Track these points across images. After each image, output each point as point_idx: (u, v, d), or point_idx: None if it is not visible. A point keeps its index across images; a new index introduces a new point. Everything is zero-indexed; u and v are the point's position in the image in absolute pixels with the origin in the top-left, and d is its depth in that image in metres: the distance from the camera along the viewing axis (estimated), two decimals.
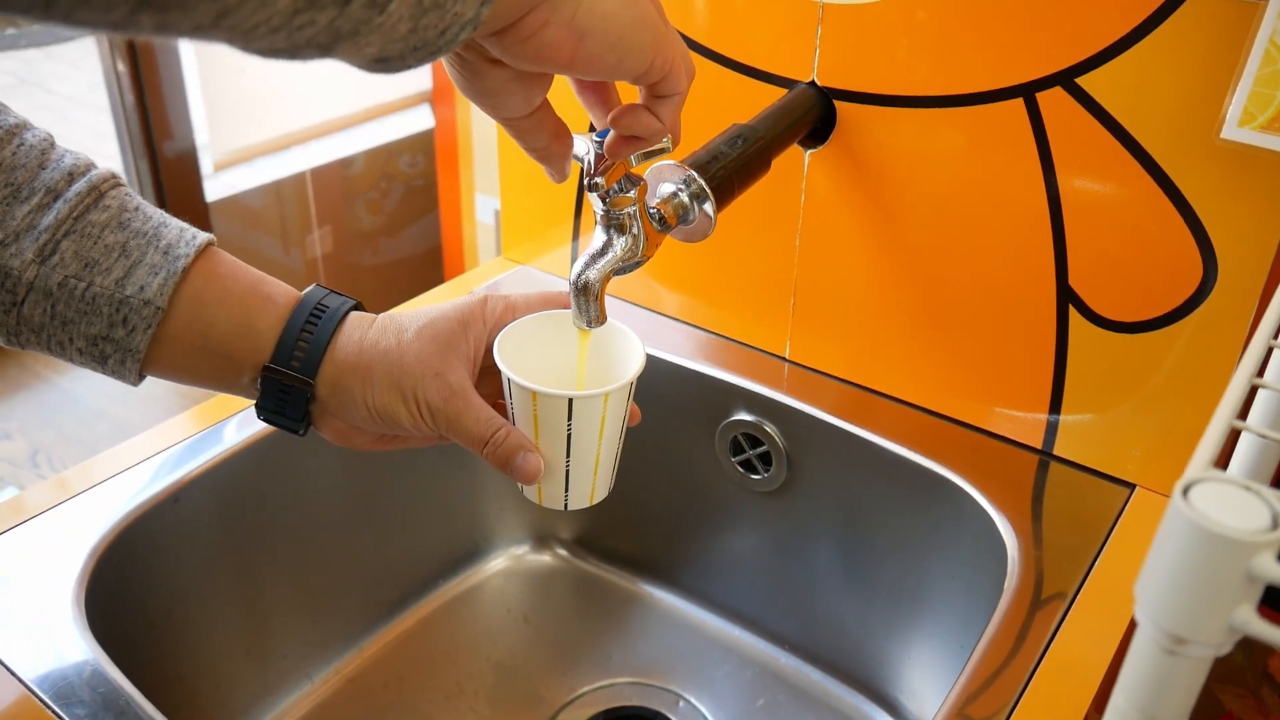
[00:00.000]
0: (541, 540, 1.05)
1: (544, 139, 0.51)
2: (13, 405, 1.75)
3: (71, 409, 1.68)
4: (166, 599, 0.78)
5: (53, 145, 0.53)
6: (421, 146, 1.96)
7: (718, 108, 0.85)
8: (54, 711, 0.59)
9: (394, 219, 1.97)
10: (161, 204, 1.77)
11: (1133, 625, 0.66)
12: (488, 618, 0.98)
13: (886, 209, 0.81)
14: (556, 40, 0.44)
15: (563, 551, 1.05)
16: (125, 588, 0.74)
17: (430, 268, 2.02)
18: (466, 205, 1.75)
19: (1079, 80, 0.70)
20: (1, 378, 1.81)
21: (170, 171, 1.75)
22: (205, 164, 1.78)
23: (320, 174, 1.88)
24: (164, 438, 0.82)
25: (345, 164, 1.91)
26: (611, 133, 0.53)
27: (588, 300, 0.58)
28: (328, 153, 1.89)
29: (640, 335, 0.60)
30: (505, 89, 0.48)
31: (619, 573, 1.02)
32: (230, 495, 0.80)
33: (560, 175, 0.54)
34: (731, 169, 0.70)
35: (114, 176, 0.54)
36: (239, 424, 0.83)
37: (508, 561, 1.03)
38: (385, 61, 0.39)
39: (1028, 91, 0.72)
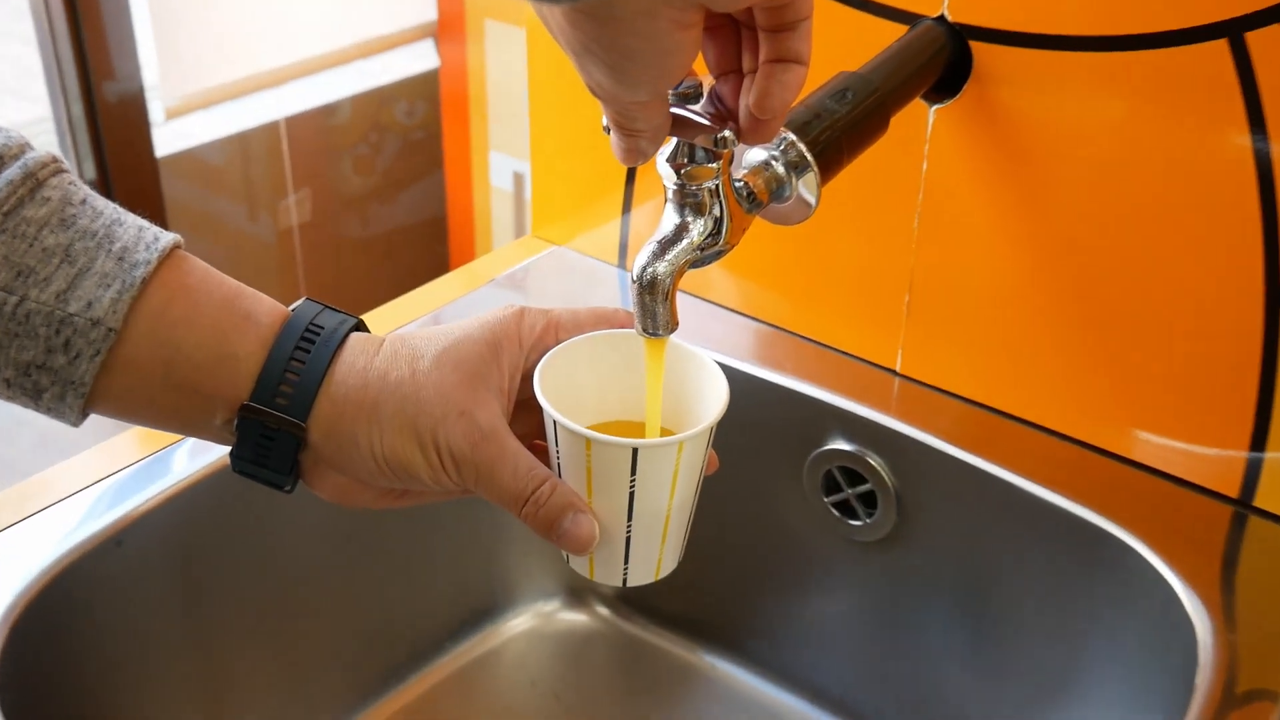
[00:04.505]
0: (576, 595, 1.04)
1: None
2: None
3: None
4: (104, 667, 0.77)
5: None
6: (423, 91, 1.97)
7: (820, 52, 0.83)
8: None
9: (388, 181, 1.98)
10: (99, 159, 1.78)
11: None
12: (507, 693, 0.97)
13: (1033, 182, 0.80)
14: None
15: (603, 609, 1.04)
16: (51, 654, 0.73)
17: (433, 242, 2.03)
18: (478, 166, 1.74)
19: None
20: None
21: (111, 119, 1.77)
22: (154, 110, 1.80)
23: (297, 124, 1.89)
24: (106, 461, 0.81)
25: (328, 112, 1.92)
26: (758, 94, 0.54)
27: (655, 300, 0.58)
28: (306, 98, 1.91)
29: (695, 335, 0.60)
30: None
31: (674, 638, 1.02)
32: (187, 536, 0.80)
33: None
34: (839, 130, 0.70)
35: (55, 161, 0.54)
36: (198, 446, 0.82)
37: (533, 621, 1.02)
38: None
39: (1234, 30, 0.70)
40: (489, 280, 1.03)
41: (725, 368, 0.63)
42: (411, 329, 0.88)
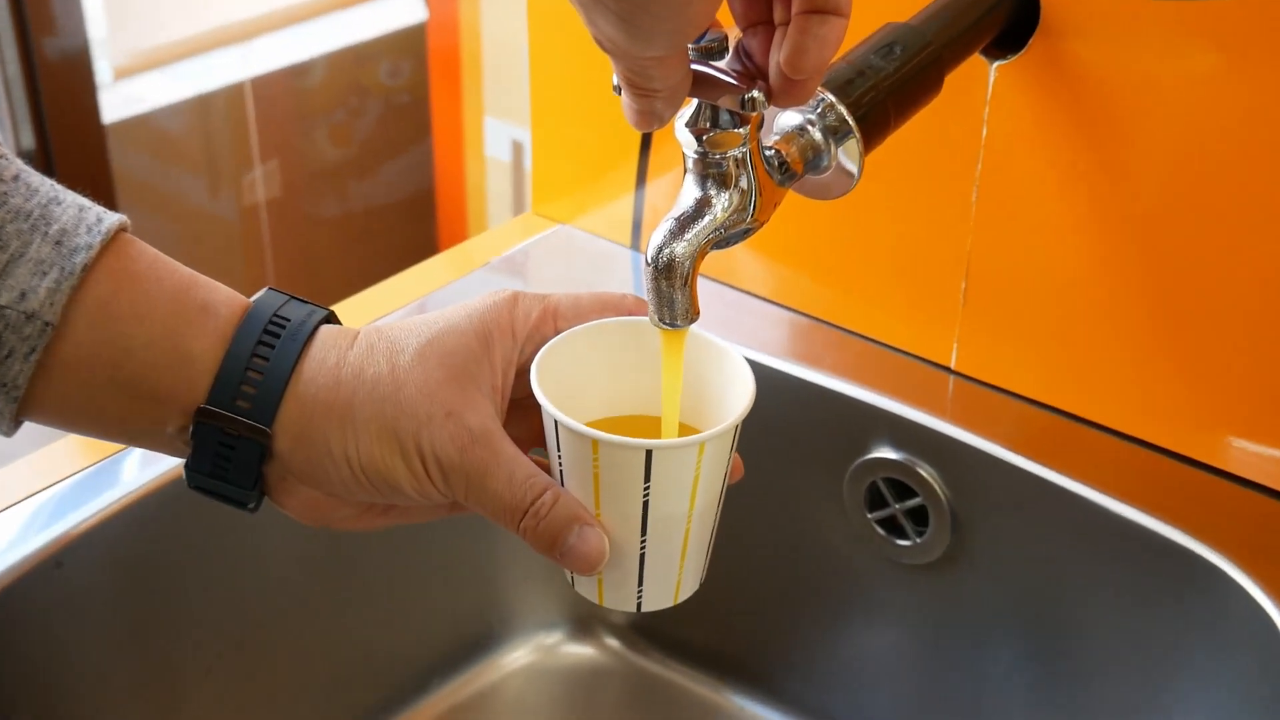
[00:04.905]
0: (583, 624, 1.04)
1: None
2: None
3: None
4: (41, 707, 0.77)
5: None
6: (409, 48, 1.97)
7: (862, 0, 0.84)
8: None
9: (368, 151, 1.98)
10: (38, 126, 1.78)
11: None
12: None
13: (1109, 150, 0.80)
14: None
15: (613, 641, 1.04)
16: None
17: (419, 221, 2.03)
18: (471, 134, 1.74)
19: None
20: None
21: (52, 80, 1.77)
22: (101, 70, 1.80)
23: (264, 86, 1.89)
24: (42, 472, 0.81)
25: (299, 72, 1.92)
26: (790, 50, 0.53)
27: (673, 286, 0.57)
28: (275, 56, 1.90)
29: (718, 326, 0.61)
30: None
31: (695, 674, 1.01)
32: (136, 557, 0.80)
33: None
34: (885, 91, 0.69)
35: None
36: (149, 454, 0.82)
37: (534, 654, 1.02)
38: None
39: None
40: (483, 264, 1.03)
41: (754, 365, 0.63)
42: (393, 320, 0.89)
